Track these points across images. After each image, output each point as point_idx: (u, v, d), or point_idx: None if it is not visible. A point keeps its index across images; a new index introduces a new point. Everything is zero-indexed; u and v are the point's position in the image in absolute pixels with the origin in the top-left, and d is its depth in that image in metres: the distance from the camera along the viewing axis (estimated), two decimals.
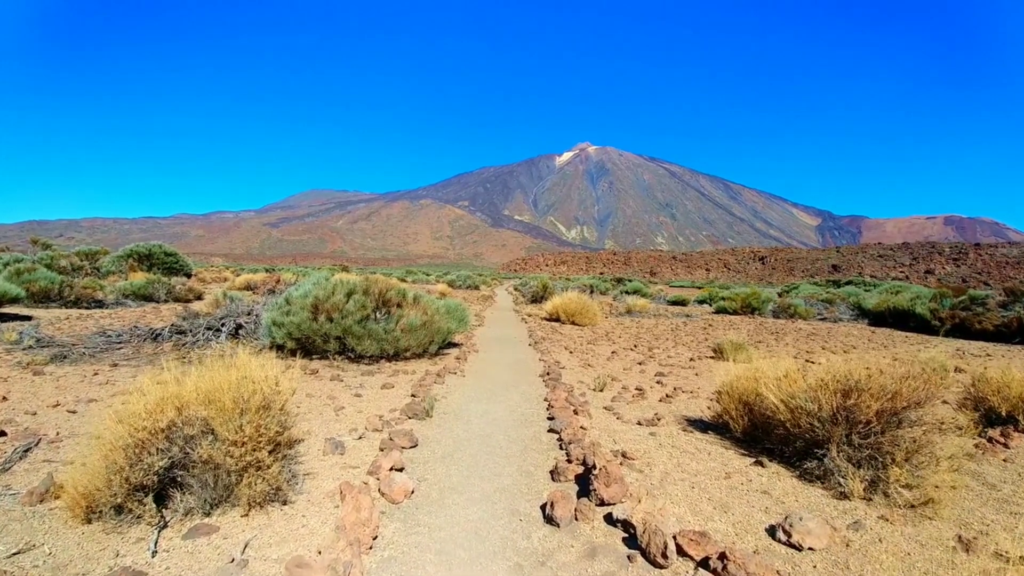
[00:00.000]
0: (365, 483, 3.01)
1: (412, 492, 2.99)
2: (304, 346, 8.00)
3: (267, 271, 46.40)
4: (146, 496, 2.67)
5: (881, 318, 19.57)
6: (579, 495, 2.96)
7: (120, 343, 9.24)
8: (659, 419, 4.64)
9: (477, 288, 38.10)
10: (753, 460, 3.56)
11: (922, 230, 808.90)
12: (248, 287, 22.34)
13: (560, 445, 3.91)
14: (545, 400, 5.60)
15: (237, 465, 2.61)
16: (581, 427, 4.32)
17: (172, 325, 9.76)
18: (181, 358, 7.74)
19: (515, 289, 36.81)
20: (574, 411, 4.90)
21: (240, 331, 9.75)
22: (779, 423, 3.63)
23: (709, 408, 4.66)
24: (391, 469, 3.13)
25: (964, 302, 19.76)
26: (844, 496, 3.12)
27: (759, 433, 3.90)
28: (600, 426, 4.53)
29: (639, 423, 4.61)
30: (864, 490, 3.14)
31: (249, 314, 10.46)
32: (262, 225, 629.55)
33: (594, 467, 2.91)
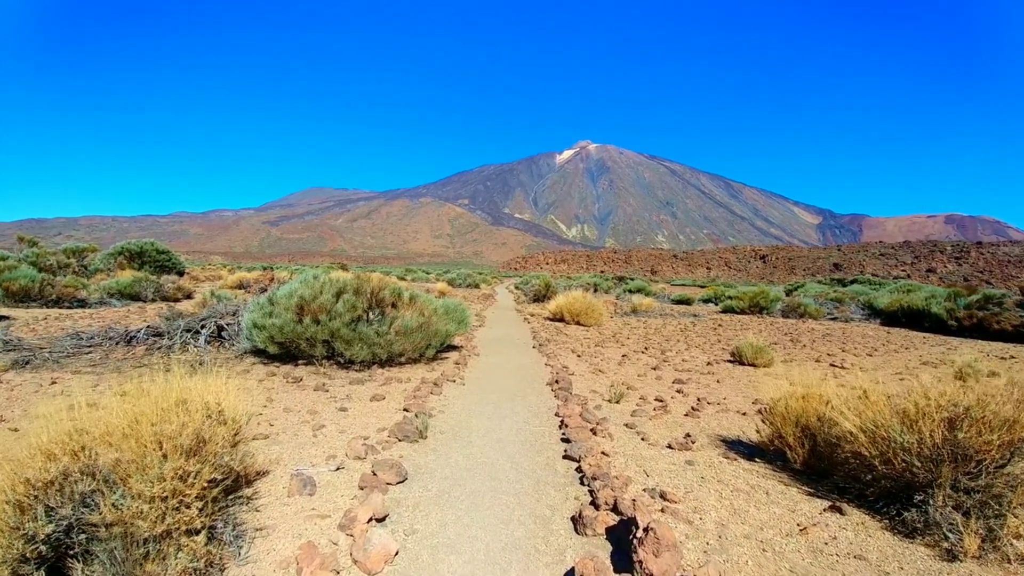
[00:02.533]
0: (334, 544, 2.30)
1: (395, 554, 2.28)
2: (289, 351, 7.29)
3: (264, 269, 45.70)
4: (37, 570, 1.97)
5: (894, 318, 18.92)
6: (615, 563, 2.24)
7: (91, 346, 8.54)
8: (692, 441, 3.93)
9: (477, 287, 37.38)
10: (828, 505, 2.83)
11: (923, 229, 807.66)
12: (241, 285, 21.60)
13: (581, 479, 3.20)
14: (557, 415, 4.89)
15: (152, 530, 1.90)
16: (603, 452, 3.61)
17: (148, 327, 9.05)
18: (150, 364, 7.03)
19: (516, 288, 36.09)
20: (592, 430, 4.19)
21: (223, 333, 9.04)
22: (856, 455, 2.92)
23: (757, 431, 3.90)
24: (370, 520, 2.42)
25: (979, 301, 19.12)
26: (953, 556, 2.41)
27: (824, 465, 3.19)
28: (625, 450, 3.81)
29: (670, 446, 3.90)
30: (977, 546, 2.45)
31: (234, 315, 9.75)
32: (261, 223, 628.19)
33: (634, 523, 2.20)
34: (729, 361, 9.27)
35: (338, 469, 3.23)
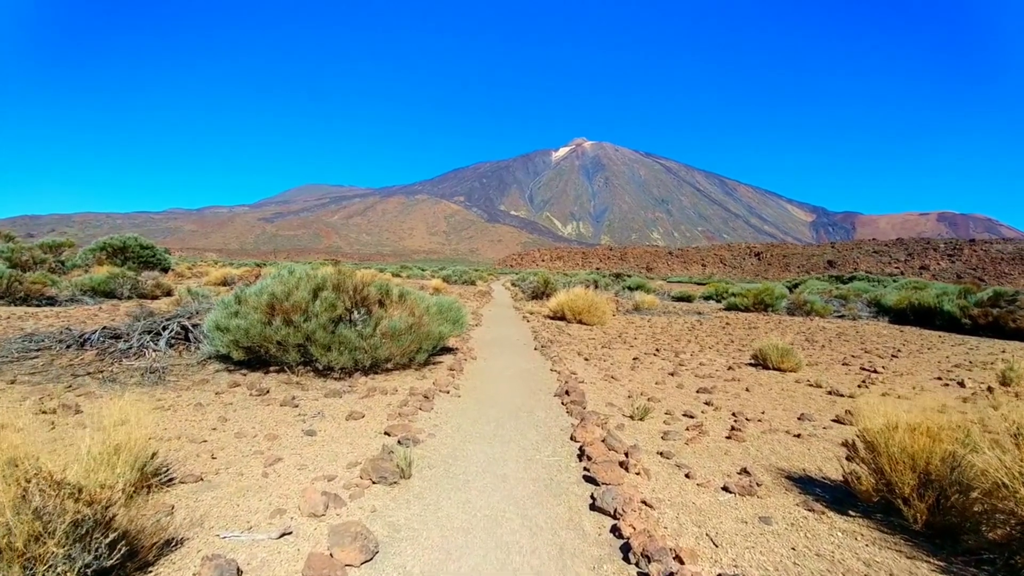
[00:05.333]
0: None
1: None
2: (259, 355, 6.35)
3: (257, 265, 44.48)
4: None
5: (902, 315, 18.23)
6: None
7: (40, 349, 7.56)
8: (758, 484, 3.03)
9: (473, 283, 36.47)
10: None
11: (915, 226, 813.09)
12: (225, 282, 20.58)
13: (624, 552, 2.28)
14: (573, 439, 3.99)
15: None
16: (643, 502, 2.72)
17: (104, 328, 8.09)
18: (94, 373, 6.07)
19: (513, 284, 35.20)
20: (621, 464, 3.30)
21: (190, 335, 8.08)
22: (1006, 514, 2.05)
23: (857, 479, 2.94)
24: None
25: (991, 299, 18.53)
26: None
27: (952, 520, 2.32)
28: (671, 496, 2.92)
29: (727, 489, 3.01)
30: None
31: (208, 313, 8.80)
32: (256, 220, 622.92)
33: None
34: (751, 364, 8.42)
35: (282, 536, 2.32)
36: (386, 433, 4.01)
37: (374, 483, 2.95)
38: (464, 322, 8.43)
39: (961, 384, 7.49)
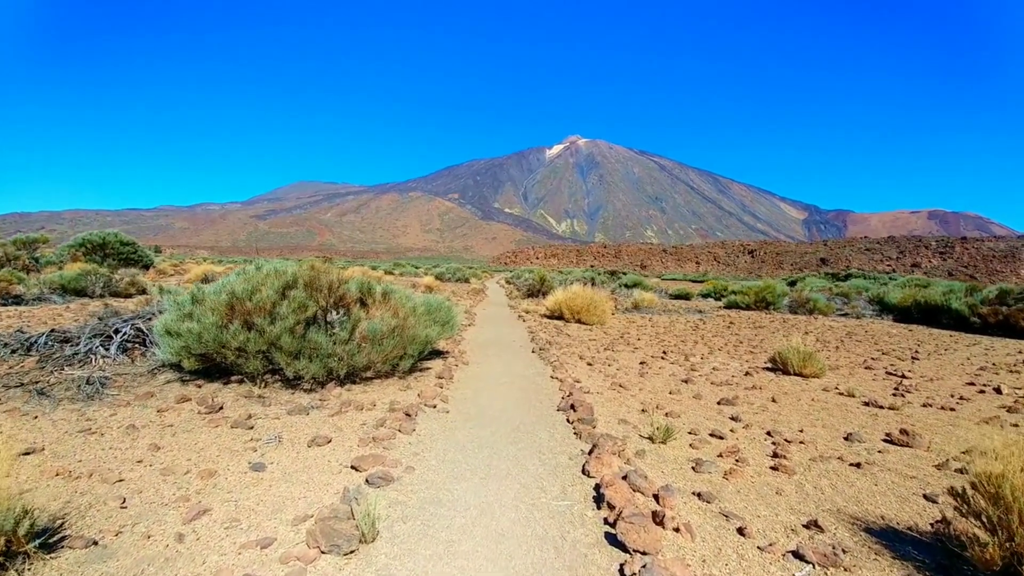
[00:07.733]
0: None
1: None
2: (217, 364, 5.53)
3: (245, 262, 43.34)
4: None
5: (906, 313, 17.70)
6: None
7: None
8: (840, 547, 2.27)
9: (467, 281, 35.64)
10: None
11: (906, 224, 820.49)
12: (206, 279, 19.67)
13: None
14: (586, 473, 3.22)
15: None
16: None
17: (53, 331, 7.23)
18: (26, 384, 5.22)
19: (507, 282, 34.42)
20: (654, 516, 2.54)
21: (147, 339, 7.23)
22: None
23: (932, 508, 2.22)
24: None
25: (997, 297, 18.04)
26: None
27: None
28: (728, 572, 2.16)
29: (799, 555, 2.24)
30: None
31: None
32: (249, 217, 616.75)
33: None
34: (768, 369, 7.69)
35: None
36: (353, 467, 3.22)
37: (323, 552, 2.17)
38: (455, 323, 7.64)
39: (998, 391, 6.80)
